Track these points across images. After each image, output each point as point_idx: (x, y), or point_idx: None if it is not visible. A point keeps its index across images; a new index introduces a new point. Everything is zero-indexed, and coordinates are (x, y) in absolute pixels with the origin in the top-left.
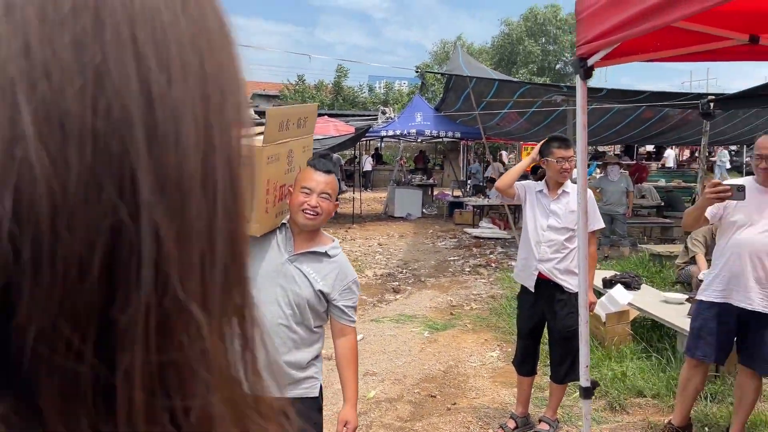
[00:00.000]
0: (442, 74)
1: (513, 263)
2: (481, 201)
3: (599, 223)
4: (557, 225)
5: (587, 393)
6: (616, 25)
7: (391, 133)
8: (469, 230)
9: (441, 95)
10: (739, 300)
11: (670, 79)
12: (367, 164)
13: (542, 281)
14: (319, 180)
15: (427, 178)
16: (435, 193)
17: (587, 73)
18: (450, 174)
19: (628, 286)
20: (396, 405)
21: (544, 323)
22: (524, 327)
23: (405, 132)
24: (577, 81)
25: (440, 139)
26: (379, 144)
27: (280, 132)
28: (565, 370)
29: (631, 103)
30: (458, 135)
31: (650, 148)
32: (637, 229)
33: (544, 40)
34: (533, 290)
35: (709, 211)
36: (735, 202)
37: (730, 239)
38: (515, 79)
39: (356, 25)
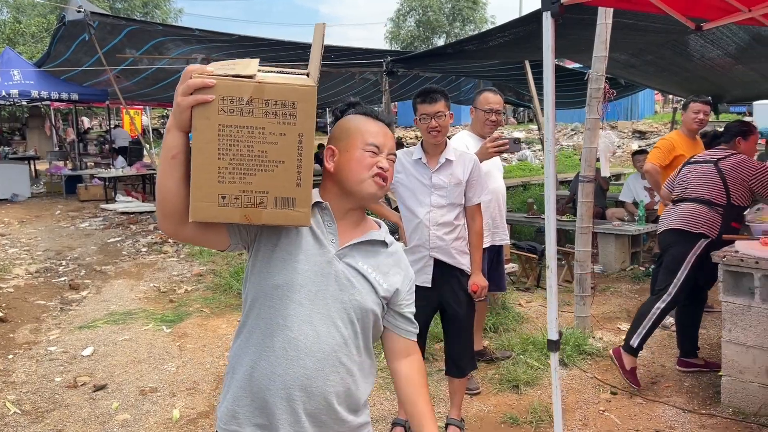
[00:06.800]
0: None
1: None
2: (111, 172)
3: (485, 195)
4: (443, 202)
5: (556, 345)
6: None
7: None
8: (106, 206)
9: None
10: (498, 239)
11: None
12: None
13: (437, 267)
14: (388, 135)
15: (12, 151)
16: (41, 167)
17: (561, 10)
18: (40, 144)
19: None
20: (215, 418)
21: (436, 312)
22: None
23: (4, 93)
24: (545, 19)
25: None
26: None
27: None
28: (466, 360)
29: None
30: (75, 97)
31: None
32: None
33: None
34: (429, 284)
35: None
36: None
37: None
38: (155, 22)
39: None
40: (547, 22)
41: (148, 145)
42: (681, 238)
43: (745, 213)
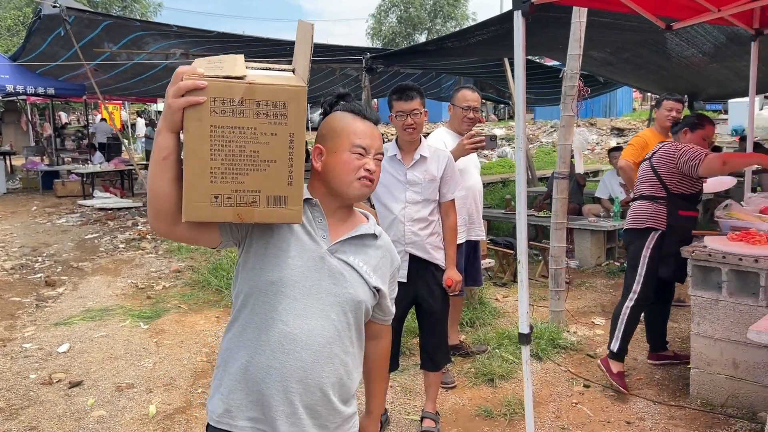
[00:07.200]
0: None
1: None
2: (88, 168)
3: (459, 191)
4: (417, 198)
5: (527, 339)
6: None
7: None
8: (84, 202)
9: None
10: (474, 235)
11: None
12: None
13: (412, 263)
14: (375, 135)
15: None
16: (17, 162)
17: (531, 9)
18: (16, 139)
19: None
20: (192, 413)
21: (411, 307)
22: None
23: None
24: (516, 18)
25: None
26: None
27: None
28: (441, 354)
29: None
30: (52, 92)
31: None
32: None
33: None
34: (405, 279)
35: None
36: None
37: (462, 186)
38: (133, 18)
39: None
40: (518, 21)
41: (126, 141)
42: (634, 236)
43: (699, 199)
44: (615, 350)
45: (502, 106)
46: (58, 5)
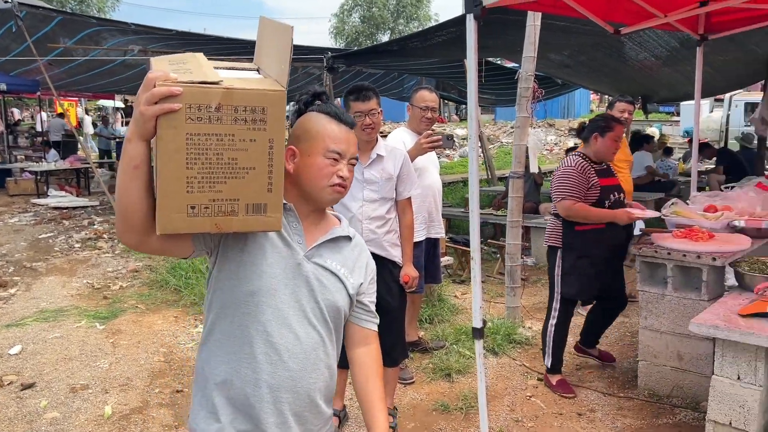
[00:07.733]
0: None
1: None
2: (42, 166)
3: (415, 189)
4: (375, 197)
5: (480, 333)
6: None
7: None
8: (37, 201)
9: None
10: (434, 233)
11: None
12: None
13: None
14: (351, 140)
15: None
16: None
17: (483, 12)
18: None
19: None
20: (149, 413)
21: None
22: None
23: None
24: (468, 21)
25: None
26: None
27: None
28: (398, 350)
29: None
30: (3, 87)
31: None
32: None
33: None
34: None
35: None
36: None
37: (421, 184)
38: (88, 15)
39: None
40: (470, 24)
41: (82, 138)
42: (548, 254)
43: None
44: (549, 366)
45: (464, 106)
46: (9, 1)
